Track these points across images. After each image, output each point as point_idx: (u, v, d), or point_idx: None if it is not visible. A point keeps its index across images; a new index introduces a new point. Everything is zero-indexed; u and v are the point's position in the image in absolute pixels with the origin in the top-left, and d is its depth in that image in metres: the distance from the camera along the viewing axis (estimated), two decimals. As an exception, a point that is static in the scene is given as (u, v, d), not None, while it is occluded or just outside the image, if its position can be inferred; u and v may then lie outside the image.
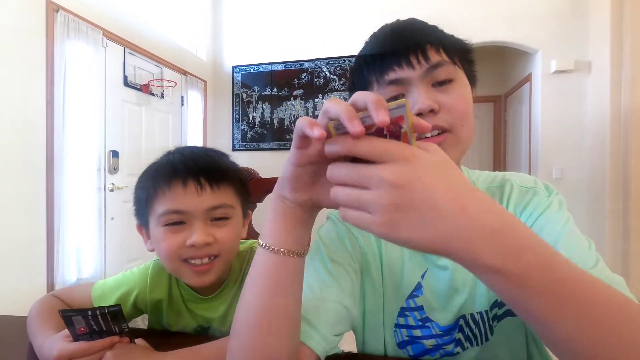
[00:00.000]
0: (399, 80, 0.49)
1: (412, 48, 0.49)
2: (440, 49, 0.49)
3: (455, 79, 0.50)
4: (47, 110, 2.16)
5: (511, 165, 4.24)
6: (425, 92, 0.48)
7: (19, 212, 2.03)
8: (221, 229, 0.59)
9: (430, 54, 0.49)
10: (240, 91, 3.93)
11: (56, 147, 2.19)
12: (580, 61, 3.08)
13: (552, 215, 0.50)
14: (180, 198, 0.57)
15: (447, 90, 0.49)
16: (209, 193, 0.58)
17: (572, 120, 3.13)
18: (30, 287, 2.09)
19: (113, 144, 2.66)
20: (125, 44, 2.76)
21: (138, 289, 0.66)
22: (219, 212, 0.59)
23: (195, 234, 0.56)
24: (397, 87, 0.50)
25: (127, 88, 2.82)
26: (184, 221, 0.58)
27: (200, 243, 0.56)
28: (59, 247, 2.21)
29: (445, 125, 0.48)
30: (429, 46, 0.49)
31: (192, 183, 0.57)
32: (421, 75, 0.48)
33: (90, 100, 2.37)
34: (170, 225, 0.58)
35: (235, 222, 0.62)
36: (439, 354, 0.53)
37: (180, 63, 3.40)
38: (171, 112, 3.35)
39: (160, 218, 0.58)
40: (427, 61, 0.48)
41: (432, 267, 0.53)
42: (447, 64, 0.49)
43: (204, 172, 0.59)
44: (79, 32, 2.29)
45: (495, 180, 0.59)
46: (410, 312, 0.53)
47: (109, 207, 2.60)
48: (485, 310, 0.52)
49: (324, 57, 3.64)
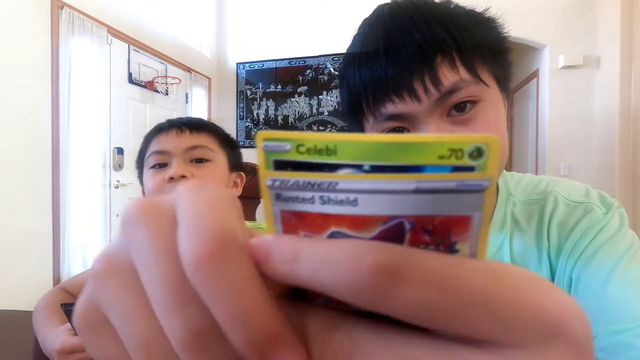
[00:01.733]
0: (400, 116, 0.38)
1: (416, 70, 0.35)
2: (457, 60, 0.35)
3: (480, 100, 0.37)
4: (53, 107, 2.17)
5: (518, 162, 4.20)
6: (436, 129, 0.36)
7: (25, 208, 2.05)
8: (200, 169, 0.65)
9: (442, 72, 0.35)
10: (245, 88, 3.93)
11: (61, 144, 2.20)
12: (589, 56, 3.03)
13: (610, 240, 0.39)
14: (162, 141, 0.65)
15: (468, 120, 0.37)
16: (187, 136, 0.65)
17: (580, 116, 3.09)
18: (36, 283, 2.11)
19: (118, 141, 2.67)
20: (130, 41, 2.76)
21: None
22: (197, 151, 0.65)
23: (173, 168, 0.62)
24: (398, 122, 0.38)
25: (132, 85, 2.82)
26: (167, 162, 0.64)
27: (177, 175, 0.61)
28: (65, 243, 2.22)
29: None
30: (439, 60, 0.35)
31: (174, 130, 0.65)
32: (430, 108, 0.36)
33: (95, 97, 2.38)
34: (155, 168, 0.65)
35: (217, 167, 0.67)
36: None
37: (184, 60, 3.40)
38: (175, 109, 3.36)
39: (147, 161, 0.66)
40: (437, 88, 0.35)
41: None
42: (466, 85, 0.36)
43: (186, 122, 0.67)
44: (83, 29, 2.29)
45: (536, 191, 0.46)
46: None
47: (114, 203, 2.61)
48: None
49: (328, 53, 3.62)
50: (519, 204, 0.46)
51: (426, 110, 0.36)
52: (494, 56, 0.39)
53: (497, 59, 0.40)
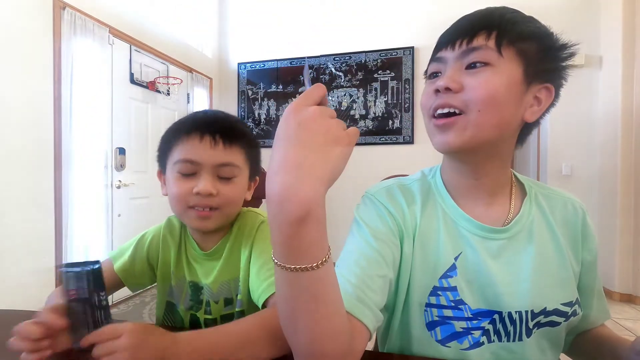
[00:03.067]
0: (439, 59, 0.53)
1: (464, 31, 0.50)
2: (492, 34, 0.48)
3: (491, 64, 0.48)
4: (55, 108, 2.18)
5: (520, 161, 4.19)
6: (452, 69, 0.50)
7: (28, 209, 2.05)
8: (225, 185, 0.65)
9: (477, 38, 0.49)
10: (246, 88, 3.93)
11: (64, 144, 2.20)
12: (591, 56, 3.02)
13: None
14: (195, 149, 0.63)
15: (476, 73, 0.49)
16: (221, 149, 0.64)
17: (583, 116, 3.07)
18: (39, 283, 2.12)
19: (120, 141, 2.67)
20: (132, 41, 2.77)
21: (152, 234, 0.75)
22: (226, 170, 0.65)
23: (202, 183, 0.63)
24: (437, 64, 0.53)
25: (134, 85, 2.83)
26: (195, 172, 0.64)
27: (205, 192, 0.62)
28: (67, 243, 2.23)
29: (459, 105, 0.48)
30: (482, 31, 0.49)
31: (208, 137, 0.64)
32: (456, 57, 0.50)
33: (97, 97, 2.39)
34: (182, 174, 0.65)
35: (240, 182, 0.68)
36: (467, 341, 0.51)
37: (186, 60, 3.40)
38: (177, 109, 3.36)
39: (175, 165, 0.65)
40: (468, 44, 0.49)
41: (468, 249, 0.53)
42: (486, 49, 0.48)
43: (221, 130, 0.65)
44: (85, 30, 2.30)
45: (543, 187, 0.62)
46: (442, 292, 0.52)
47: (116, 203, 2.62)
48: (525, 310, 0.51)
49: (330, 53, 3.62)
50: (540, 194, 0.59)
51: (453, 57, 0.50)
52: (529, 46, 0.49)
53: (529, 50, 0.49)
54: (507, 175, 0.57)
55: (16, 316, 0.69)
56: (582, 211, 0.59)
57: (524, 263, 0.52)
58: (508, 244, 0.53)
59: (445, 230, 0.54)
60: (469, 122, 0.48)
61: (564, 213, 0.58)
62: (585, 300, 0.58)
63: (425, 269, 0.53)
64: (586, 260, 0.57)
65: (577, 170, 3.09)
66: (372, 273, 0.48)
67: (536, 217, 0.56)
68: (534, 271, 0.52)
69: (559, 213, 0.57)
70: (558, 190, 0.61)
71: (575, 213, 0.58)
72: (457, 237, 0.54)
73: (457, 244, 0.54)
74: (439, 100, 0.50)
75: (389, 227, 0.54)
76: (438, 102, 0.50)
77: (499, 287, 0.51)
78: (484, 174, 0.54)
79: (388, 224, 0.54)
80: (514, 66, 0.49)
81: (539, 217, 0.56)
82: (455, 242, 0.54)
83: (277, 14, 3.81)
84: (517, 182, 0.60)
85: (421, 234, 0.55)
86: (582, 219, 0.58)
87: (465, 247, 0.53)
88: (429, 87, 0.54)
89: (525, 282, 0.51)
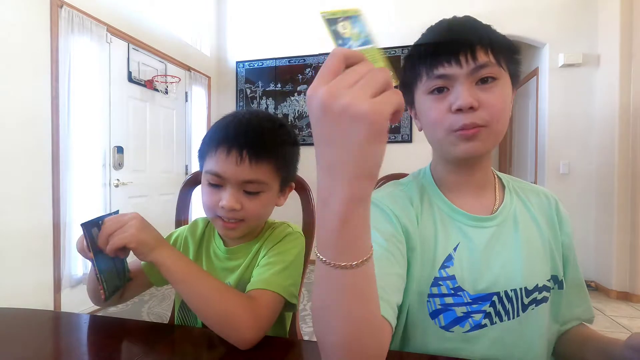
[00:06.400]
0: (446, 76, 0.54)
1: (463, 47, 0.53)
2: (489, 50, 0.53)
3: (498, 79, 0.54)
4: (52, 106, 2.17)
5: (517, 160, 4.20)
6: (468, 89, 0.53)
7: (26, 207, 2.05)
8: (251, 200, 0.66)
9: (479, 54, 0.53)
10: (244, 87, 3.92)
11: (62, 143, 2.20)
12: (589, 54, 3.03)
13: None
14: (221, 163, 0.64)
15: (488, 89, 0.53)
16: (247, 166, 0.64)
17: (580, 114, 3.08)
18: (37, 282, 2.11)
19: (118, 139, 2.67)
20: (129, 39, 2.76)
21: (178, 233, 0.80)
22: (251, 186, 0.65)
23: (226, 198, 0.64)
24: (443, 81, 0.55)
25: (131, 84, 2.82)
26: (222, 185, 0.66)
27: (228, 207, 0.64)
28: (65, 242, 2.23)
29: (481, 123, 0.53)
30: (479, 47, 0.53)
31: (235, 153, 0.63)
32: (467, 74, 0.53)
33: (95, 96, 2.38)
34: (210, 185, 0.67)
35: (267, 196, 0.68)
36: (468, 324, 0.55)
37: (184, 59, 3.40)
38: (175, 107, 3.36)
39: (206, 174, 0.67)
40: (474, 61, 0.52)
41: (464, 239, 0.58)
42: (492, 65, 0.53)
43: (249, 145, 0.64)
44: (83, 28, 2.29)
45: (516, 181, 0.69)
46: (443, 282, 0.56)
47: (114, 202, 2.62)
48: (520, 288, 0.56)
49: (328, 52, 3.59)
50: (516, 187, 0.67)
51: (463, 74, 0.53)
52: (511, 55, 0.56)
53: (512, 58, 0.56)
54: (491, 169, 0.65)
55: (15, 314, 0.69)
56: (554, 200, 0.66)
57: (514, 246, 0.58)
58: (498, 230, 0.59)
59: (442, 225, 0.59)
60: (490, 133, 0.54)
61: (538, 202, 0.65)
62: (569, 291, 0.63)
63: (426, 262, 0.57)
64: (565, 243, 0.63)
65: (575, 168, 3.11)
66: (388, 271, 0.51)
67: (518, 205, 0.63)
68: (523, 252, 0.58)
69: (535, 201, 0.65)
70: (529, 184, 0.68)
71: (548, 202, 0.65)
72: (453, 230, 0.59)
73: (454, 236, 0.59)
74: (465, 121, 0.53)
75: (395, 228, 0.57)
76: (464, 123, 0.53)
77: (495, 269, 0.56)
78: (478, 169, 0.61)
79: (394, 225, 0.57)
80: (508, 77, 0.56)
81: (520, 205, 0.63)
82: (451, 235, 0.59)
83: (275, 12, 3.80)
84: (497, 176, 0.67)
85: (421, 230, 0.59)
86: (554, 206, 0.65)
87: (461, 237, 0.58)
88: (439, 104, 0.55)
89: (517, 262, 0.57)
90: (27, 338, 0.58)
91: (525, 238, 0.59)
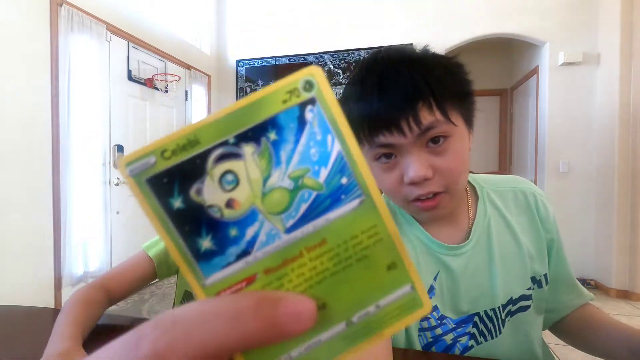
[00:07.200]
0: (389, 145, 0.48)
1: (403, 112, 0.45)
2: (434, 104, 0.46)
3: (450, 135, 0.48)
4: (52, 105, 2.17)
5: (517, 159, 4.20)
6: (417, 159, 0.47)
7: (26, 206, 2.05)
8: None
9: (422, 115, 0.45)
10: (244, 85, 3.92)
11: (62, 141, 2.20)
12: (589, 53, 3.03)
13: None
14: None
15: (441, 151, 0.47)
16: None
17: (580, 113, 3.08)
18: (38, 280, 2.12)
19: (118, 138, 2.67)
20: (129, 38, 2.76)
21: None
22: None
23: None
24: (388, 149, 0.49)
25: (131, 82, 2.82)
26: None
27: None
28: (66, 240, 2.23)
29: (440, 189, 0.49)
30: (420, 105, 0.45)
31: None
32: (413, 141, 0.47)
33: (95, 94, 2.38)
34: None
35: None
36: (457, 348, 0.55)
37: (184, 57, 3.39)
38: (175, 106, 3.35)
39: None
40: (418, 126, 0.46)
41: (443, 269, 0.56)
42: (441, 123, 0.46)
43: None
44: (82, 26, 2.29)
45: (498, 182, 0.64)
46: (430, 314, 0.55)
47: (115, 201, 2.62)
48: (498, 307, 0.55)
49: (328, 50, 3.61)
50: (491, 192, 0.61)
51: (409, 142, 0.47)
52: (461, 100, 0.49)
53: (463, 101, 0.50)
54: (464, 193, 0.59)
55: (15, 312, 0.69)
56: (534, 196, 0.61)
57: (489, 263, 0.57)
58: (473, 253, 0.57)
59: (422, 255, 0.57)
60: (452, 195, 0.51)
61: (515, 203, 0.61)
62: (555, 287, 0.62)
63: None
64: (549, 239, 0.60)
65: (575, 167, 3.11)
66: None
67: (492, 215, 0.59)
68: (498, 267, 0.56)
69: (512, 204, 0.61)
70: (505, 180, 0.63)
71: (526, 200, 0.61)
72: (432, 259, 0.57)
73: (433, 265, 0.57)
74: (421, 191, 0.48)
75: None
76: (419, 193, 0.48)
77: (472, 292, 0.55)
78: None
79: None
80: (461, 123, 0.49)
81: (494, 215, 0.60)
82: (431, 265, 0.57)
83: (275, 10, 3.79)
84: (470, 187, 0.62)
85: None
86: (534, 204, 0.61)
87: (440, 266, 0.56)
88: (390, 174, 0.50)
89: (494, 279, 0.56)
90: (28, 335, 0.58)
91: (500, 251, 0.57)
